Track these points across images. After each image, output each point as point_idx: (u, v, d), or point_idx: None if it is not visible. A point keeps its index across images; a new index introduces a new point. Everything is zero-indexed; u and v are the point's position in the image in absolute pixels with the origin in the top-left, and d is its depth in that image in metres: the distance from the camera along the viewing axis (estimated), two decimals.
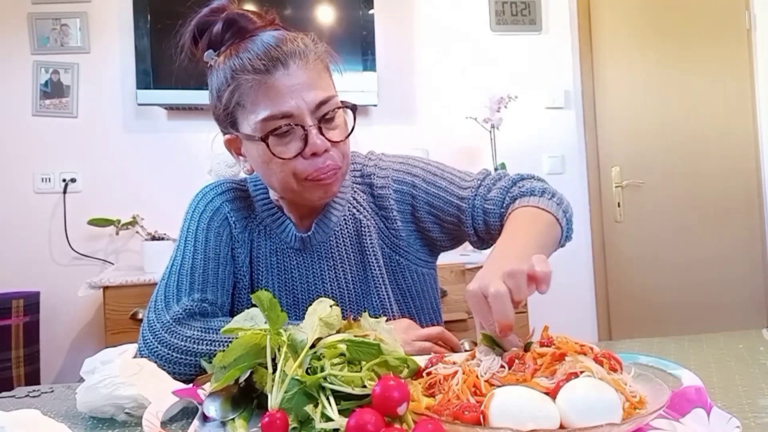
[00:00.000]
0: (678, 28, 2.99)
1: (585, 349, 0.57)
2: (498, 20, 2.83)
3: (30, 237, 2.49)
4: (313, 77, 0.87)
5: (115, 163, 2.56)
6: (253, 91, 0.85)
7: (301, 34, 0.90)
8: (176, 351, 0.84)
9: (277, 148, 0.86)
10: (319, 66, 0.90)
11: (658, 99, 2.99)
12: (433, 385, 0.58)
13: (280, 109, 0.85)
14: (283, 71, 0.85)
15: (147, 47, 2.42)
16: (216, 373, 0.61)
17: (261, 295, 0.60)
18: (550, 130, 2.85)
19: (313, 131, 0.86)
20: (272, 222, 1.01)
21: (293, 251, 1.01)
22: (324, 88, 0.88)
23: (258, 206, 1.02)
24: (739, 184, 3.01)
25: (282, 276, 1.00)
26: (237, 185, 1.05)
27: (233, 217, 1.01)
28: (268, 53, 0.85)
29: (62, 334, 2.48)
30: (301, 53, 0.87)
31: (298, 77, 0.85)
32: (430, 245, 1.05)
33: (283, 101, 0.85)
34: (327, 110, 0.87)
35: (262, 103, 0.85)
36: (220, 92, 0.90)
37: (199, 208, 1.01)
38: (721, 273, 2.96)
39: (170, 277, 0.94)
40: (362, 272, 1.01)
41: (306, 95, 0.85)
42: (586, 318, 2.86)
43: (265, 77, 0.85)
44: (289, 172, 0.88)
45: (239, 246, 1.00)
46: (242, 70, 0.85)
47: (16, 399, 0.78)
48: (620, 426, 0.47)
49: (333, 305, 0.65)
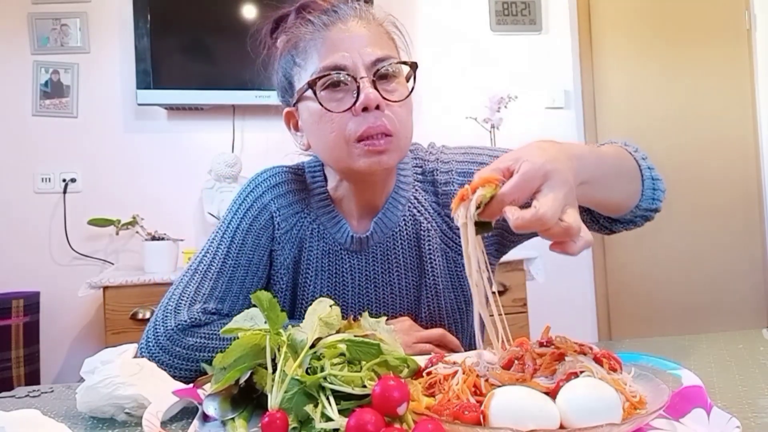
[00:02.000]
0: (678, 28, 2.99)
1: (585, 349, 0.57)
2: (498, 20, 2.83)
3: (30, 237, 2.49)
4: (373, 35, 0.84)
5: (115, 163, 2.56)
6: (308, 46, 0.83)
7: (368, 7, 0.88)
8: (177, 358, 0.83)
9: (327, 103, 0.82)
10: (381, 31, 0.87)
11: (658, 99, 2.99)
12: (433, 385, 0.58)
13: (333, 61, 0.81)
14: (341, 26, 0.83)
15: (147, 47, 2.42)
16: (216, 375, 0.61)
17: (260, 295, 0.60)
18: (550, 130, 2.84)
19: (366, 84, 0.80)
20: (327, 220, 0.94)
21: (347, 252, 0.94)
22: (383, 48, 0.84)
23: (313, 200, 0.95)
24: (739, 183, 3.01)
25: (333, 279, 0.94)
26: (294, 175, 0.97)
27: (280, 216, 0.94)
28: (327, 11, 0.84)
29: (62, 334, 2.48)
30: (363, 15, 0.85)
31: (356, 32, 0.82)
32: (499, 242, 0.98)
33: (338, 54, 0.81)
34: (384, 65, 0.82)
35: (317, 56, 0.82)
36: (281, 60, 0.88)
37: (247, 202, 0.94)
38: (721, 273, 2.96)
39: (193, 276, 0.90)
40: (417, 278, 0.95)
41: (362, 49, 0.81)
42: (586, 318, 2.86)
43: (322, 32, 0.82)
44: (339, 133, 0.82)
45: (281, 247, 0.94)
46: (301, 31, 0.84)
47: (16, 399, 0.78)
48: (620, 426, 0.47)
49: (333, 305, 0.65)
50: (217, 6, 2.52)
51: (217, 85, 2.49)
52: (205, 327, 0.85)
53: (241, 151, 2.61)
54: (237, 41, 2.43)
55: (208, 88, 2.49)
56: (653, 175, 0.85)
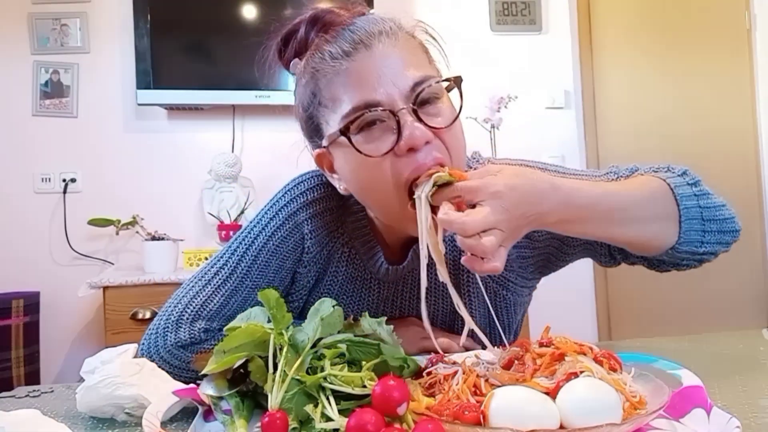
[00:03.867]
0: (678, 28, 2.99)
1: (584, 349, 0.57)
2: (498, 20, 2.83)
3: (30, 237, 2.49)
4: (405, 55, 0.71)
5: (115, 163, 2.56)
6: (331, 83, 0.71)
7: (387, 15, 0.76)
8: (177, 368, 0.81)
9: (365, 147, 0.69)
10: (413, 43, 0.75)
11: (658, 99, 2.99)
12: (433, 385, 0.58)
13: (363, 98, 0.68)
14: (365, 53, 0.70)
15: (147, 47, 2.42)
16: (215, 356, 0.60)
17: (268, 294, 0.59)
18: (550, 130, 2.84)
19: (407, 117, 0.68)
20: (360, 245, 0.85)
21: (375, 281, 0.87)
22: (419, 68, 0.71)
23: (349, 220, 0.85)
24: (739, 183, 3.01)
25: (355, 307, 0.87)
26: (333, 188, 0.84)
27: (311, 239, 0.84)
28: (348, 37, 0.71)
29: (62, 334, 2.48)
30: (388, 30, 0.72)
31: (385, 57, 0.70)
32: (545, 267, 0.91)
33: (368, 88, 0.68)
34: (423, 88, 0.69)
35: (342, 95, 0.70)
36: (303, 97, 0.76)
37: (278, 218, 0.84)
38: (721, 273, 2.96)
39: (205, 288, 0.82)
40: (450, 305, 0.84)
41: (396, 77, 0.69)
42: (586, 318, 2.86)
43: (345, 63, 0.70)
44: (384, 179, 0.69)
45: (307, 270, 0.86)
46: (321, 64, 0.71)
47: (16, 399, 0.78)
48: (620, 426, 0.47)
49: (335, 305, 0.64)
50: (217, 6, 2.52)
51: (217, 85, 2.49)
52: (206, 342, 0.81)
53: (241, 151, 2.61)
54: (237, 41, 2.47)
55: (208, 88, 2.49)
56: (704, 216, 0.75)
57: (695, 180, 0.78)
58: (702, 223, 0.75)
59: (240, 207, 2.44)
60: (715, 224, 0.75)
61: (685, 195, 0.75)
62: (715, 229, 0.75)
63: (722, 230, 0.76)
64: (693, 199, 0.75)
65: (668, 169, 0.80)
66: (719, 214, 0.77)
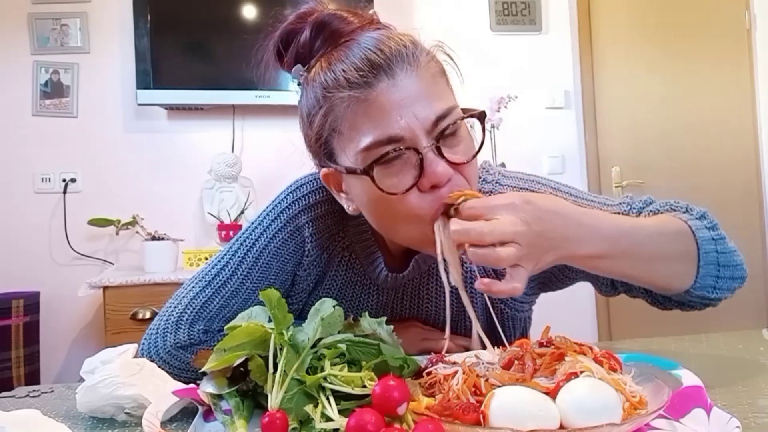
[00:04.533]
0: (678, 28, 2.99)
1: (584, 349, 0.57)
2: (498, 20, 2.83)
3: (30, 237, 2.50)
4: (427, 85, 0.69)
5: (115, 163, 2.56)
6: (350, 112, 0.67)
7: (406, 33, 0.72)
8: (177, 369, 0.80)
9: (385, 182, 0.67)
10: (433, 69, 0.72)
11: (658, 99, 2.99)
12: (433, 385, 0.58)
13: (385, 132, 0.66)
14: (387, 82, 0.66)
15: (147, 47, 2.42)
16: (215, 354, 0.60)
17: (270, 293, 0.59)
18: (550, 130, 2.84)
19: (430, 155, 0.66)
20: (361, 250, 0.85)
21: (374, 287, 0.87)
22: (441, 98, 0.70)
23: (351, 224, 0.84)
24: (739, 183, 3.01)
25: (353, 310, 0.86)
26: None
27: (311, 242, 0.84)
28: (367, 60, 0.67)
29: (62, 334, 2.48)
30: (410, 56, 0.68)
31: (407, 88, 0.67)
32: (545, 285, 0.90)
33: (390, 121, 0.66)
34: (447, 124, 0.68)
35: (362, 126, 0.67)
36: (311, 116, 0.72)
37: (279, 221, 0.83)
38: None
39: (205, 289, 0.82)
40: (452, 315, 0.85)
41: (419, 110, 0.66)
42: (586, 318, 2.86)
43: (365, 92, 0.66)
44: (405, 214, 0.68)
45: (307, 273, 0.86)
46: (336, 86, 0.68)
47: (16, 399, 0.78)
48: (620, 426, 0.47)
49: (336, 305, 0.64)
50: (217, 6, 2.53)
51: (217, 85, 2.50)
52: (205, 344, 0.81)
53: (241, 151, 2.61)
54: (237, 41, 2.46)
55: (208, 88, 2.49)
56: (720, 261, 0.74)
57: (714, 224, 0.77)
58: (717, 268, 0.74)
59: (240, 207, 2.44)
60: (728, 270, 0.75)
61: (705, 239, 0.74)
62: (727, 275, 0.75)
63: (733, 277, 0.76)
64: (711, 244, 0.74)
65: (687, 210, 0.79)
66: (732, 261, 0.76)
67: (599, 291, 0.88)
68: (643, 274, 0.72)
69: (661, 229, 0.72)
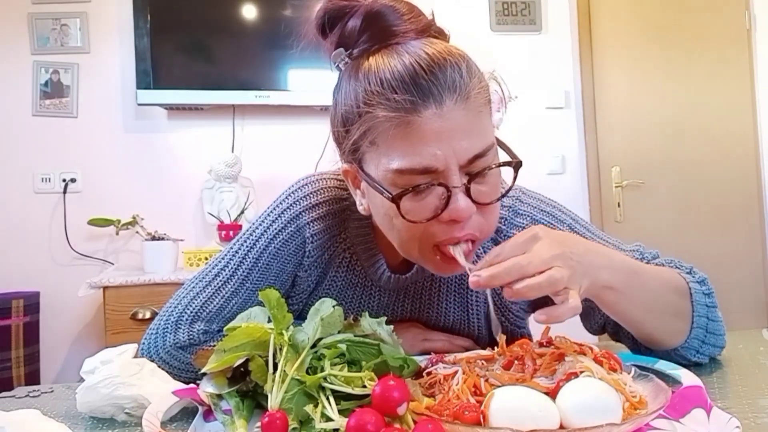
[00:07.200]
0: (678, 28, 2.99)
1: (584, 349, 0.57)
2: (498, 20, 2.83)
3: (30, 237, 2.50)
4: (472, 119, 0.66)
5: (115, 163, 2.56)
6: (391, 130, 0.65)
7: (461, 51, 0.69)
8: (177, 369, 0.81)
9: (407, 205, 0.66)
10: (481, 100, 0.68)
11: (658, 99, 2.99)
12: (433, 385, 0.58)
13: (422, 163, 0.64)
14: (434, 111, 0.64)
15: (147, 47, 2.42)
16: (216, 355, 0.60)
17: (269, 293, 0.59)
18: (550, 130, 2.84)
19: (459, 194, 0.65)
20: (362, 251, 0.84)
21: (376, 288, 0.87)
22: (482, 135, 0.68)
23: (352, 224, 0.84)
24: (739, 183, 3.01)
25: (353, 311, 0.86)
26: (338, 190, 0.84)
27: (312, 243, 0.83)
28: (417, 80, 0.64)
29: (62, 334, 2.48)
30: (461, 86, 0.65)
31: (452, 120, 0.64)
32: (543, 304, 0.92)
33: (427, 150, 0.64)
34: (482, 167, 0.67)
35: (399, 147, 0.65)
36: (347, 116, 0.69)
37: (280, 221, 0.83)
38: (721, 273, 2.95)
39: (205, 289, 0.82)
40: (457, 320, 0.88)
41: (458, 144, 0.65)
42: None
43: (409, 116, 0.64)
44: (414, 235, 0.68)
45: (308, 274, 0.86)
46: (380, 102, 0.65)
47: (16, 399, 0.78)
48: (620, 426, 0.47)
49: (336, 305, 0.64)
50: (217, 6, 2.53)
51: (217, 85, 2.49)
52: (205, 344, 0.81)
53: (241, 151, 2.61)
54: (237, 41, 2.47)
55: (208, 88, 2.49)
56: (708, 328, 0.75)
57: (710, 291, 0.77)
58: (705, 334, 0.75)
59: (240, 207, 2.44)
60: (713, 338, 0.76)
61: (700, 303, 0.75)
62: (711, 342, 0.76)
63: (716, 345, 0.77)
64: (704, 309, 0.75)
65: (690, 271, 0.80)
66: (719, 329, 0.77)
67: (587, 326, 0.88)
68: (644, 317, 0.72)
69: (666, 280, 0.74)
